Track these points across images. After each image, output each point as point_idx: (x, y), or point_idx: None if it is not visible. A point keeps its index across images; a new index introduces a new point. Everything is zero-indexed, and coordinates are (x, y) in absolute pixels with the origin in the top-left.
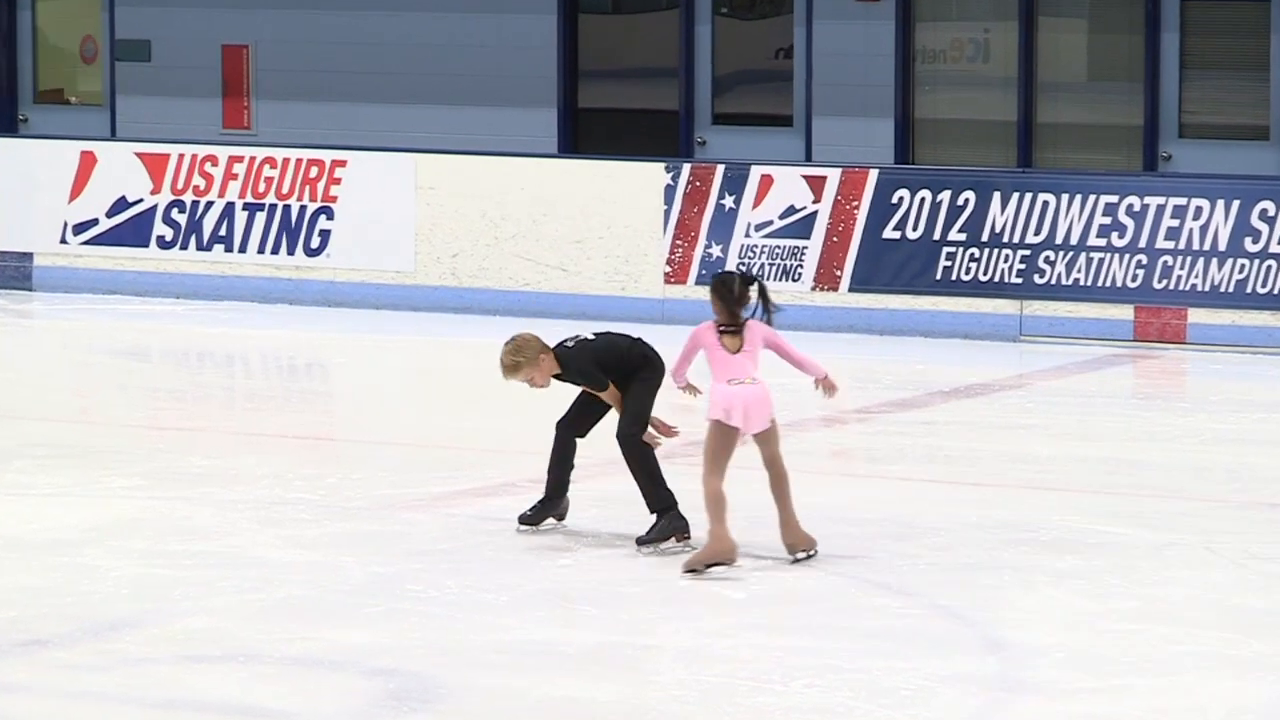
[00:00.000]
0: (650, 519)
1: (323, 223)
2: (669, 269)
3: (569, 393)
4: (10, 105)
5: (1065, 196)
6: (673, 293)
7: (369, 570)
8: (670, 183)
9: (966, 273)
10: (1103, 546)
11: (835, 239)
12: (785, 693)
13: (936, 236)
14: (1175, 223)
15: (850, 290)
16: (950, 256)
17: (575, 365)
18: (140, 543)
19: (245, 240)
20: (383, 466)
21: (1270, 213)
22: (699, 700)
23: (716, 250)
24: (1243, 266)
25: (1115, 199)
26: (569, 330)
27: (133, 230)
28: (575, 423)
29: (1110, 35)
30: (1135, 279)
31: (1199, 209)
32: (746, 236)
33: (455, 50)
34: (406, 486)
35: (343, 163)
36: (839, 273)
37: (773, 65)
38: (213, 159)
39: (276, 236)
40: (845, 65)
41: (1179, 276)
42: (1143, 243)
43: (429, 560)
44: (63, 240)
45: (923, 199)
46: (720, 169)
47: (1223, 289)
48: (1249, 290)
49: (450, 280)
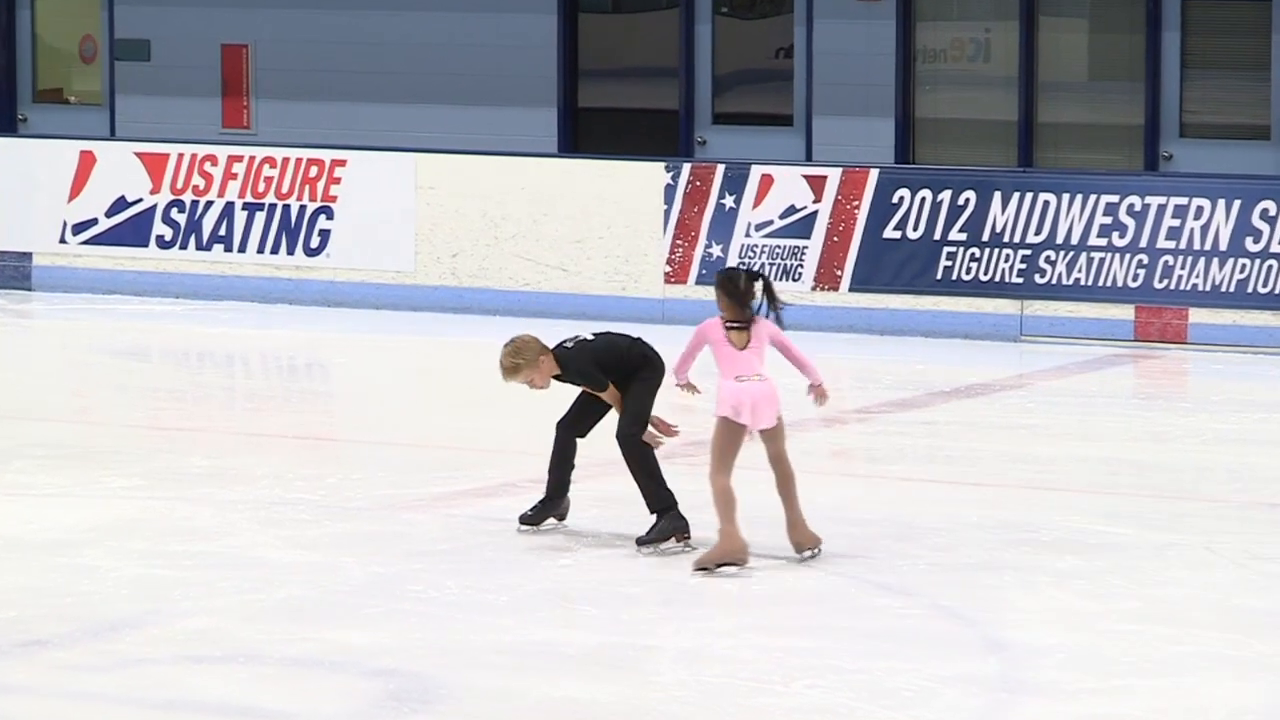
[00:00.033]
0: (650, 519)
1: (322, 222)
2: (669, 269)
3: (569, 393)
4: (9, 105)
5: (1066, 196)
6: (673, 293)
7: (369, 570)
8: (670, 182)
9: (967, 272)
10: (1104, 547)
11: (836, 239)
12: (786, 693)
13: (937, 236)
14: (1176, 222)
15: (851, 290)
16: (951, 256)
17: (575, 366)
18: (140, 543)
19: (245, 240)
20: (383, 466)
21: (1271, 212)
22: (699, 701)
23: (717, 250)
24: (1244, 266)
25: (1116, 199)
26: (569, 330)
27: (132, 230)
28: (575, 423)
29: (1111, 35)
30: (1136, 279)
31: (1200, 209)
32: (747, 236)
33: (455, 50)
34: (407, 486)
35: (342, 162)
36: (839, 272)
37: (773, 65)
38: (212, 159)
39: (276, 236)
40: (846, 65)
41: (1180, 276)
42: (1144, 242)
43: (429, 560)
44: (62, 240)
45: (923, 199)
46: (720, 169)
47: (1224, 289)
48: (1250, 290)
49: (450, 280)
